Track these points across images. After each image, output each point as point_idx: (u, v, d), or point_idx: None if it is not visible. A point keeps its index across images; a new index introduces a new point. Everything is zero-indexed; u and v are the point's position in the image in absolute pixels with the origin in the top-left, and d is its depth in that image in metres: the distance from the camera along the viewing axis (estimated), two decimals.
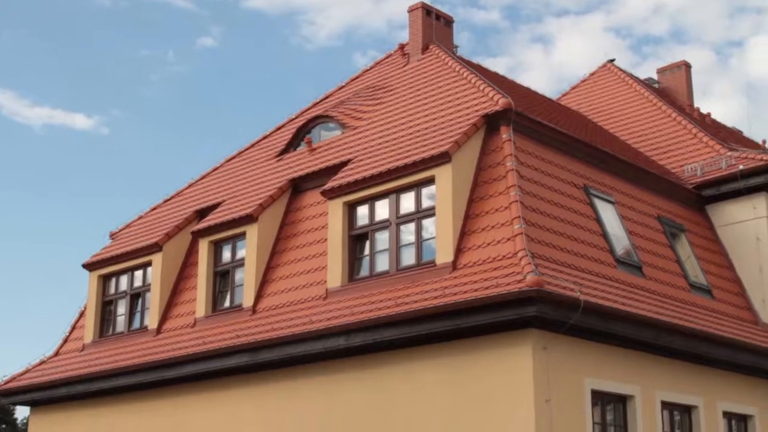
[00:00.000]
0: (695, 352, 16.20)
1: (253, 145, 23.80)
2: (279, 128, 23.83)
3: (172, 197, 23.55)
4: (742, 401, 17.61)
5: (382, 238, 16.63)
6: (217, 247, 19.62)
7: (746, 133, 29.18)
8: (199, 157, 66.56)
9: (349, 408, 15.65)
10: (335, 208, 17.23)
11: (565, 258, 15.20)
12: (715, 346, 16.45)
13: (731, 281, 19.54)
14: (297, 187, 19.44)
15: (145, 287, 20.90)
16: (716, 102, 70.93)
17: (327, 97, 24.08)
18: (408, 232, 16.31)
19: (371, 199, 16.89)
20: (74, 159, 65.87)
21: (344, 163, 18.48)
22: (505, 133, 16.20)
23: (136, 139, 66.80)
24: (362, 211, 17.05)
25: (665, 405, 15.97)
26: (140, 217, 23.45)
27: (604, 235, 16.68)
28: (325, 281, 17.09)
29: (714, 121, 26.95)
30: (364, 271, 16.75)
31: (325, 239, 17.56)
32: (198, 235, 19.99)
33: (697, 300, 17.94)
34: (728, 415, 17.41)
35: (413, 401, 14.82)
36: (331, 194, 17.33)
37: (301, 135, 21.78)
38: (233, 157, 23.81)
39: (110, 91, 66.69)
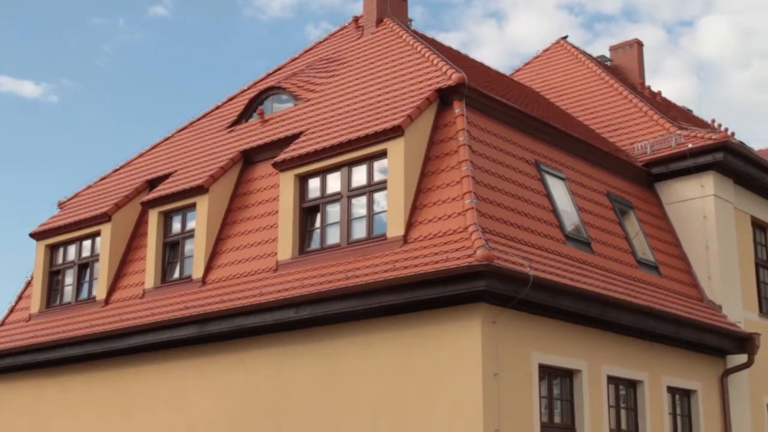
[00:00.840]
0: (642, 328, 16.40)
1: (204, 116, 23.62)
2: (231, 99, 23.67)
3: (122, 167, 23.34)
4: (686, 376, 17.88)
5: (334, 211, 16.62)
6: (167, 218, 19.49)
7: (696, 112, 29.50)
8: (150, 127, 65.84)
9: (298, 381, 15.67)
10: (286, 181, 17.17)
11: (515, 233, 15.29)
12: (661, 322, 16.66)
13: (678, 258, 19.78)
14: (248, 158, 19.34)
15: (94, 257, 20.73)
16: (667, 81, 71.54)
17: (280, 69, 23.94)
18: (359, 206, 16.31)
19: (323, 172, 16.85)
20: (22, 127, 64.95)
21: (296, 136, 18.41)
22: (458, 108, 16.22)
23: (85, 108, 66.01)
24: (314, 183, 17.01)
25: (611, 380, 16.17)
26: (89, 187, 23.23)
27: (554, 211, 16.79)
28: (276, 254, 17.05)
29: (664, 100, 27.18)
30: (315, 244, 16.73)
31: (276, 211, 17.51)
32: (148, 205, 19.83)
33: (645, 276, 18.15)
34: (672, 390, 17.67)
35: (363, 374, 14.87)
36: (283, 166, 17.26)
37: (253, 106, 21.64)
38: (184, 128, 23.62)
39: (59, 58, 65.66)
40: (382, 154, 16.03)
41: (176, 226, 19.34)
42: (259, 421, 16.06)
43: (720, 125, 26.46)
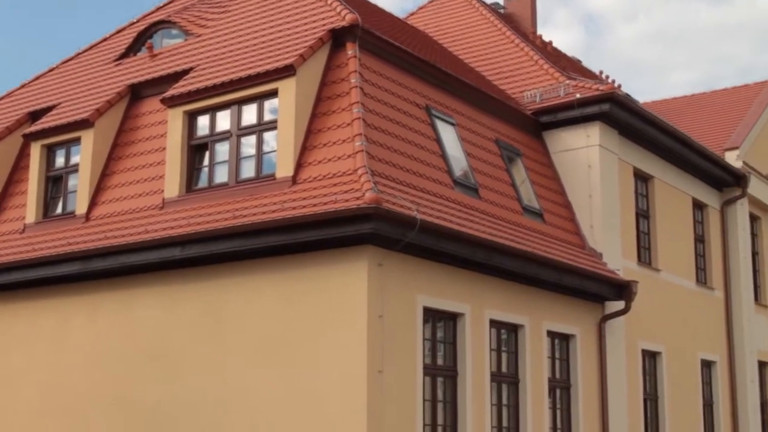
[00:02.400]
0: (525, 274, 16.72)
1: (91, 48, 22.97)
2: (119, 32, 23.05)
3: (3, 98, 22.61)
4: (565, 321, 18.33)
5: (222, 150, 16.43)
6: (50, 152, 19.00)
7: (585, 63, 29.95)
8: (35, 59, 63.91)
9: (183, 321, 15.56)
10: (175, 117, 16.88)
11: (404, 177, 15.36)
12: (543, 268, 17.00)
13: (562, 206, 20.16)
14: (136, 93, 18.92)
15: None
16: (557, 31, 72.42)
17: (170, 2, 23.39)
18: (249, 145, 16.15)
19: (212, 110, 16.61)
20: None
21: (186, 71, 18.08)
22: (351, 50, 16.13)
23: None
24: (203, 121, 16.76)
25: (493, 323, 16.48)
26: None
27: (443, 156, 16.90)
28: (162, 191, 16.81)
29: (555, 50, 27.48)
30: (203, 183, 16.54)
31: (164, 148, 17.23)
32: (30, 138, 19.28)
33: (529, 223, 18.46)
34: (552, 335, 18.10)
35: (248, 313, 14.84)
36: (171, 102, 16.95)
37: (142, 40, 21.14)
38: (70, 59, 22.95)
39: None
40: (273, 94, 15.87)
41: (60, 161, 18.87)
42: (142, 361, 15.91)
43: (608, 77, 26.94)
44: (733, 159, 26.06)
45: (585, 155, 20.40)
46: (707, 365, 24.40)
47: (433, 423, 15.03)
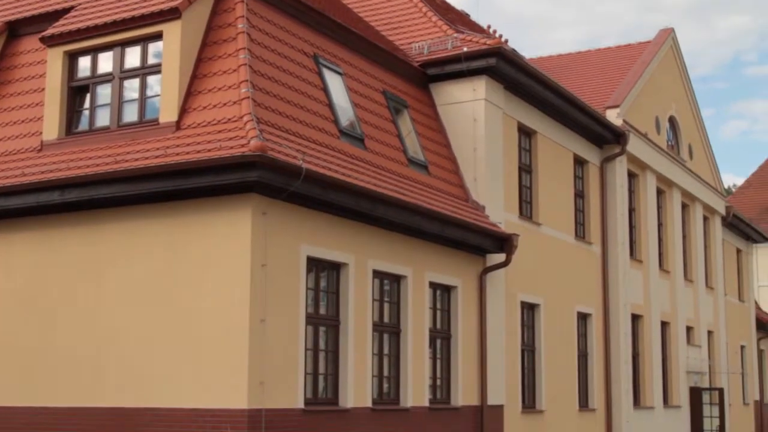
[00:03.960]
0: (408, 225, 16.83)
1: None
2: None
3: None
4: (447, 273, 18.55)
5: (104, 93, 16.03)
6: None
7: (473, 18, 30.09)
8: None
9: (62, 265, 15.24)
10: (55, 57, 16.38)
11: (290, 125, 15.25)
12: (427, 219, 17.14)
13: (447, 159, 20.32)
14: (13, 31, 18.26)
15: None
16: None
17: None
18: (132, 89, 15.80)
19: (94, 51, 16.17)
20: None
21: (67, 10, 17.52)
22: None
23: None
24: (84, 62, 16.31)
25: (377, 274, 16.58)
26: None
27: (330, 106, 16.83)
28: (41, 133, 16.33)
29: (444, 2, 27.51)
30: (83, 126, 16.13)
31: (43, 89, 16.71)
32: None
33: (414, 175, 18.56)
34: (434, 285, 18.32)
35: (129, 260, 14.62)
36: (51, 42, 16.43)
37: None
38: None
39: None
40: (158, 36, 15.53)
41: None
42: (19, 307, 15.54)
43: (495, 32, 27.12)
44: (613, 117, 26.63)
45: (471, 109, 20.56)
46: (583, 318, 25.06)
47: (314, 372, 15.10)
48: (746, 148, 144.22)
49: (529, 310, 22.20)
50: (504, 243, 19.47)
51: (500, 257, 19.68)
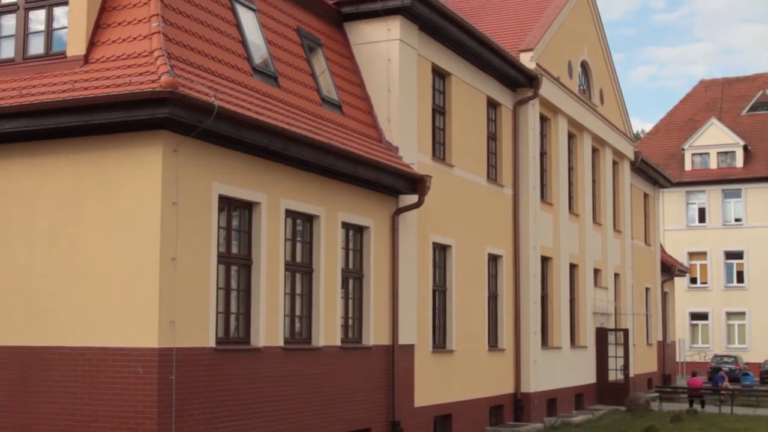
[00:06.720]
0: (321, 165, 16.75)
1: None
2: None
3: None
4: (360, 213, 18.56)
5: (9, 24, 15.54)
6: None
7: None
8: None
9: None
10: None
11: (202, 61, 14.99)
12: (340, 159, 17.08)
13: (361, 99, 20.22)
14: None
15: None
16: None
17: None
18: (38, 20, 15.34)
19: None
20: None
21: None
22: None
23: None
24: None
25: (289, 213, 16.50)
26: None
27: (243, 43, 16.57)
28: None
29: None
30: None
31: None
32: None
33: (328, 114, 18.44)
34: (347, 226, 18.31)
35: (36, 197, 14.30)
36: None
37: None
38: None
39: None
40: None
41: None
42: None
43: None
44: (527, 60, 26.76)
45: (385, 49, 20.45)
46: (494, 259, 25.35)
47: (226, 311, 15.02)
48: (654, 94, 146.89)
49: (440, 251, 22.37)
50: (417, 184, 19.52)
51: (413, 198, 19.75)
